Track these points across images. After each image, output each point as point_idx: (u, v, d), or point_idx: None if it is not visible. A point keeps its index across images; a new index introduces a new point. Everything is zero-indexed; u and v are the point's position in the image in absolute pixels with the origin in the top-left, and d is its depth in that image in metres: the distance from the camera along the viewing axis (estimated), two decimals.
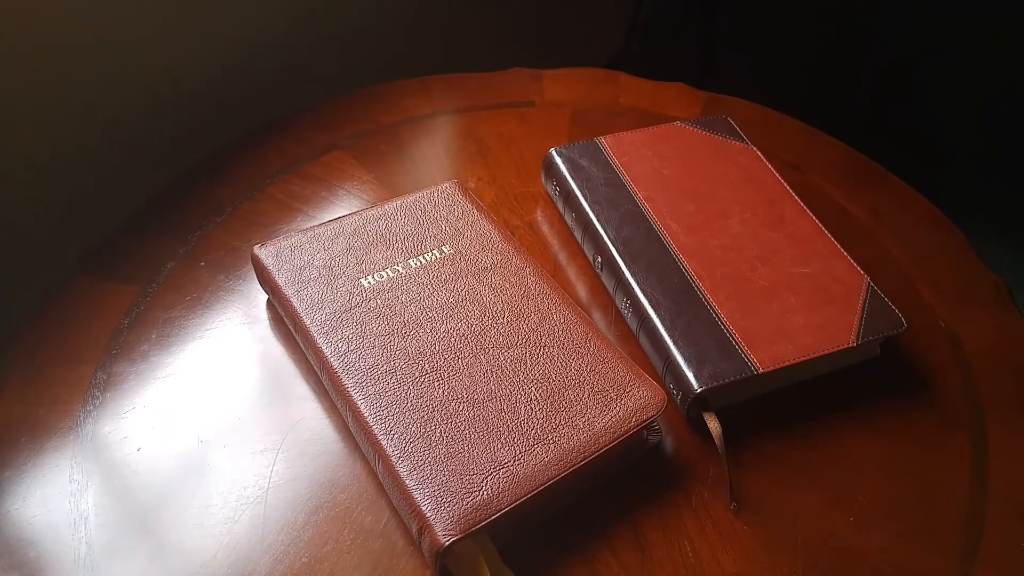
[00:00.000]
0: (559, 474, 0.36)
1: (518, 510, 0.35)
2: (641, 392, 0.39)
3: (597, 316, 0.49)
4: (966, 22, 1.76)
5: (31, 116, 0.53)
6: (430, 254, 0.46)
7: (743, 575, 0.37)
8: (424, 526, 0.34)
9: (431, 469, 0.35)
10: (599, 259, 0.50)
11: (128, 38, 0.57)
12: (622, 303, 0.48)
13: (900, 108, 1.59)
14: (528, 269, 0.45)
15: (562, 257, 0.53)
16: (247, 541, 0.37)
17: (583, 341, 0.41)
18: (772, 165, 0.56)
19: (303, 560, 0.36)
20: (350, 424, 0.40)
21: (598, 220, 0.50)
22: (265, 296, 0.48)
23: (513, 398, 0.38)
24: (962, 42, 1.74)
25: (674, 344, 0.43)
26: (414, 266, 0.45)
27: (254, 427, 0.41)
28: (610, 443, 0.37)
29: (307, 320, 0.41)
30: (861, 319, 0.45)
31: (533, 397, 0.39)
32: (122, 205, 0.54)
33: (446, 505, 0.34)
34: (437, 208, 0.49)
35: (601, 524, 0.39)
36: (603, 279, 0.51)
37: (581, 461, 0.36)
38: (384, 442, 0.36)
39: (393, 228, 0.47)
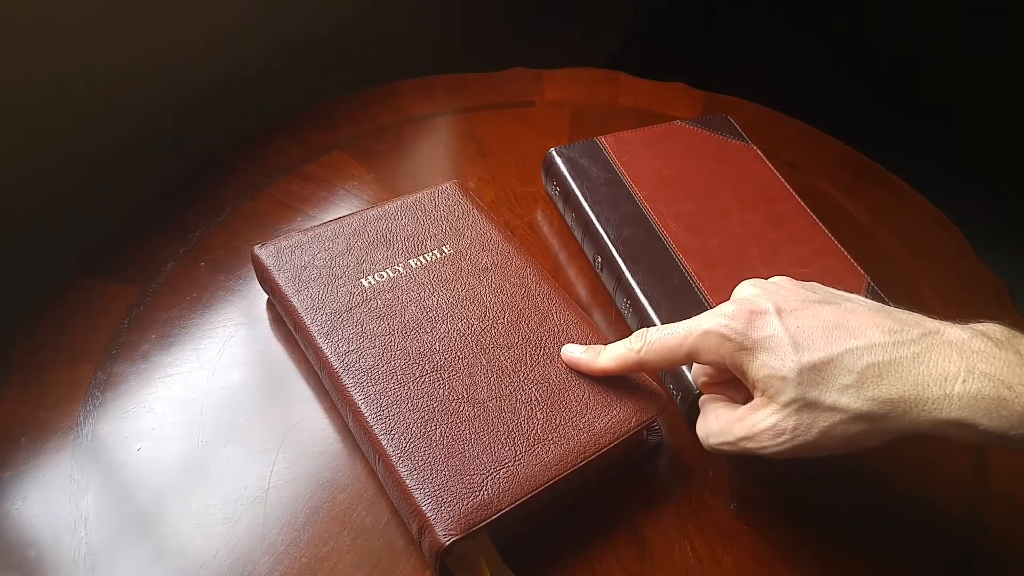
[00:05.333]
0: (559, 474, 0.36)
1: (518, 510, 0.35)
2: (641, 392, 0.39)
3: (597, 316, 0.49)
4: (967, 21, 1.76)
5: (31, 116, 0.53)
6: (430, 254, 0.46)
7: (743, 575, 0.37)
8: (424, 526, 0.34)
9: (431, 469, 0.35)
10: (599, 259, 0.50)
11: (128, 38, 0.57)
12: (622, 303, 0.48)
13: (901, 107, 1.59)
14: (528, 269, 0.45)
15: (562, 257, 0.53)
16: (247, 541, 0.37)
17: (584, 342, 0.41)
18: (772, 165, 0.56)
19: (303, 560, 0.36)
20: (350, 424, 0.40)
21: (598, 220, 0.50)
22: (265, 296, 0.48)
23: (513, 398, 0.38)
24: (963, 41, 1.74)
25: None
26: (414, 266, 0.45)
27: (254, 427, 0.41)
28: (610, 443, 0.37)
29: (307, 320, 0.41)
30: None
31: (533, 397, 0.38)
32: (122, 205, 0.54)
33: (446, 505, 0.34)
34: (437, 208, 0.49)
35: (601, 524, 0.39)
36: (603, 279, 0.51)
37: (581, 461, 0.36)
38: (384, 442, 0.36)
39: (393, 228, 0.47)
